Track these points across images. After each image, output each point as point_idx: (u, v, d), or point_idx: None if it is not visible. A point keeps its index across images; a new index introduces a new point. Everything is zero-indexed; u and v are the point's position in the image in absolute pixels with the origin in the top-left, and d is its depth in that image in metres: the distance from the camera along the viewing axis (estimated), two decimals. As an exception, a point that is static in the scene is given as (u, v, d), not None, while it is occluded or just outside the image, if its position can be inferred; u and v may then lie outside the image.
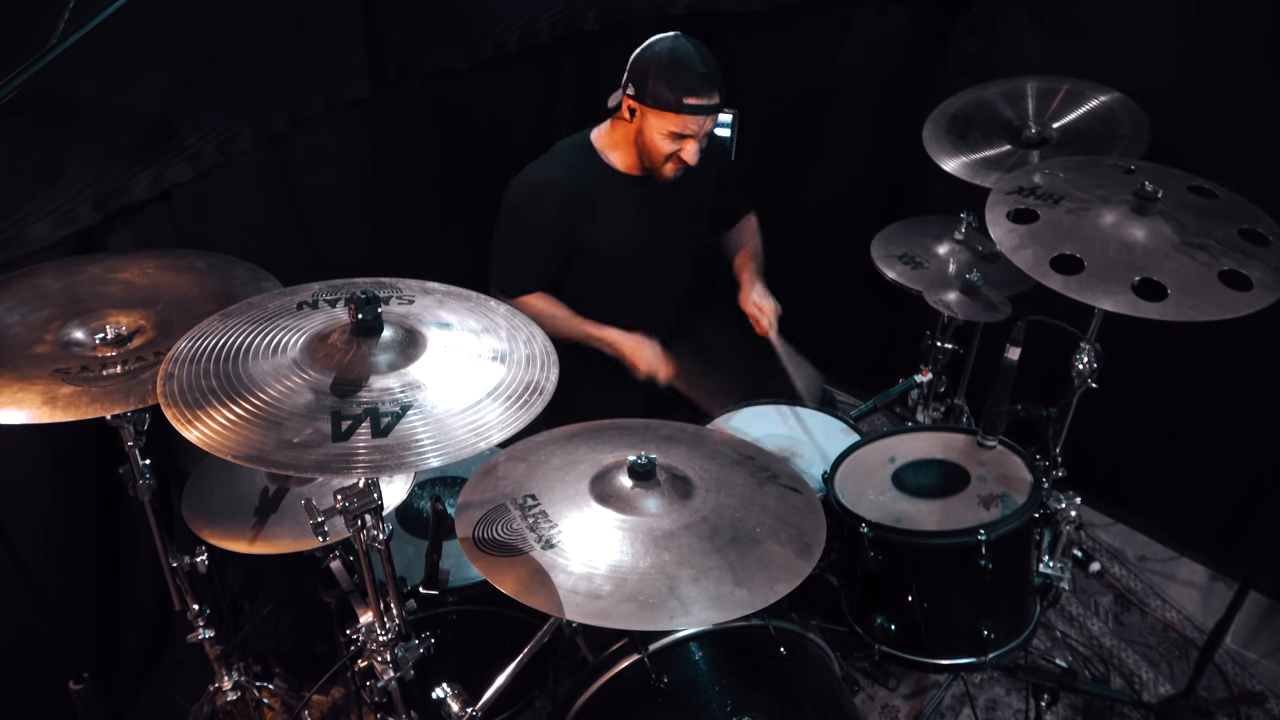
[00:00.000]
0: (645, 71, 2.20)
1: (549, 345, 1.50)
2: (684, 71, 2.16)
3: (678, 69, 2.16)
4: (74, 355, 1.57)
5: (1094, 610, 2.64)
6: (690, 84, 2.16)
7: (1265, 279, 1.77)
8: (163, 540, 1.82)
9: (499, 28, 2.74)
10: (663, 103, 2.18)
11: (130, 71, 1.95)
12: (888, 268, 2.48)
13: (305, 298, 1.55)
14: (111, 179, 1.98)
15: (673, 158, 2.27)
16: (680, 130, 2.21)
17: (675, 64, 2.17)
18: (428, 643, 1.64)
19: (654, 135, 2.24)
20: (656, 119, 2.22)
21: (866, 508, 2.02)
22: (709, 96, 2.18)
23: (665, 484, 1.60)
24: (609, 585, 1.43)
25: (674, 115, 2.18)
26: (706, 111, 2.19)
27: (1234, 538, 2.65)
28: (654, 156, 2.29)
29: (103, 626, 2.25)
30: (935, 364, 2.63)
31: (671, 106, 2.17)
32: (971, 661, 1.96)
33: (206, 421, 1.25)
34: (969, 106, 2.50)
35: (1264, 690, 2.41)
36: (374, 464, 1.23)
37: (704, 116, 2.20)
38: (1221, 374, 2.52)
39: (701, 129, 2.22)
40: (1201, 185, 2.00)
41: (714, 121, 2.25)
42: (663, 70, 2.17)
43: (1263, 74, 2.29)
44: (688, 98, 2.16)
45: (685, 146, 2.24)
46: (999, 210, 1.98)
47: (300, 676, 2.26)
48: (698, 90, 2.16)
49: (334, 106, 2.45)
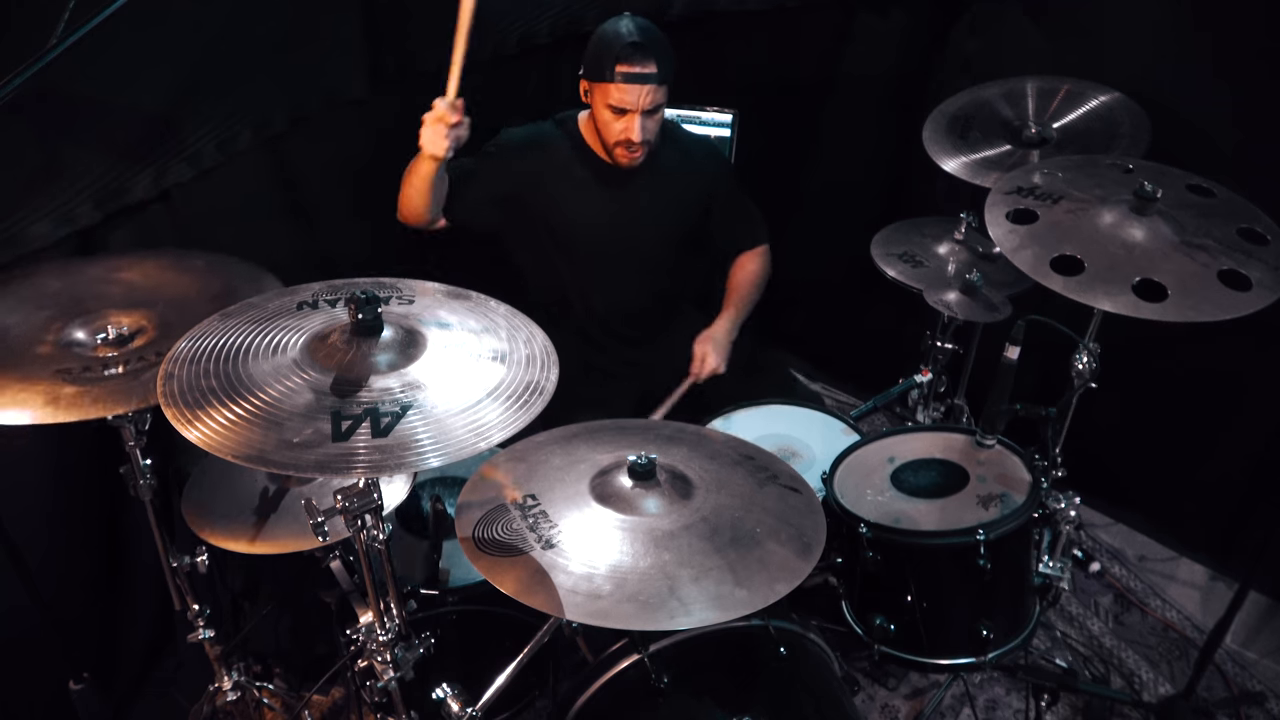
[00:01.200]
0: (589, 48, 2.23)
1: (549, 345, 1.50)
2: (615, 40, 2.17)
3: (611, 39, 2.18)
4: (75, 355, 1.57)
5: (1094, 610, 2.64)
6: (621, 52, 2.16)
7: (1264, 278, 1.77)
8: (163, 540, 1.82)
9: (498, 28, 2.74)
10: (597, 73, 2.20)
11: (130, 71, 1.95)
12: (888, 266, 2.48)
13: (305, 298, 1.55)
14: (111, 179, 1.99)
15: (622, 143, 2.27)
16: (618, 103, 2.21)
17: (609, 34, 2.19)
18: (428, 643, 1.64)
19: (600, 112, 2.26)
20: (599, 92, 2.23)
21: (866, 508, 2.02)
22: (642, 65, 2.16)
23: (665, 484, 1.60)
24: (609, 585, 1.43)
25: (610, 86, 2.19)
26: (640, 80, 2.17)
27: (1234, 538, 2.65)
28: (606, 139, 2.30)
29: (103, 626, 2.25)
30: (935, 364, 2.63)
31: (605, 76, 2.18)
32: (971, 661, 1.96)
33: (206, 421, 1.25)
34: (969, 106, 2.50)
35: (1264, 690, 2.41)
36: (374, 464, 1.23)
37: (639, 86, 2.18)
38: (1221, 374, 2.52)
39: (640, 102, 2.20)
40: (1200, 184, 2.00)
41: (655, 97, 2.22)
42: (598, 42, 2.21)
43: (1262, 74, 2.29)
44: (619, 65, 2.16)
45: (629, 124, 2.23)
46: (998, 210, 1.98)
47: (300, 676, 2.26)
48: (630, 58, 2.16)
49: (334, 106, 2.45)
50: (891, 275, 2.46)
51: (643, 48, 2.16)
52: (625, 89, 2.19)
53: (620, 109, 2.22)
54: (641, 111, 2.22)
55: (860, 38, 2.97)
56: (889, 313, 2.93)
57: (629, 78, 2.17)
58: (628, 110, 2.22)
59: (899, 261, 2.49)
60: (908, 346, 2.73)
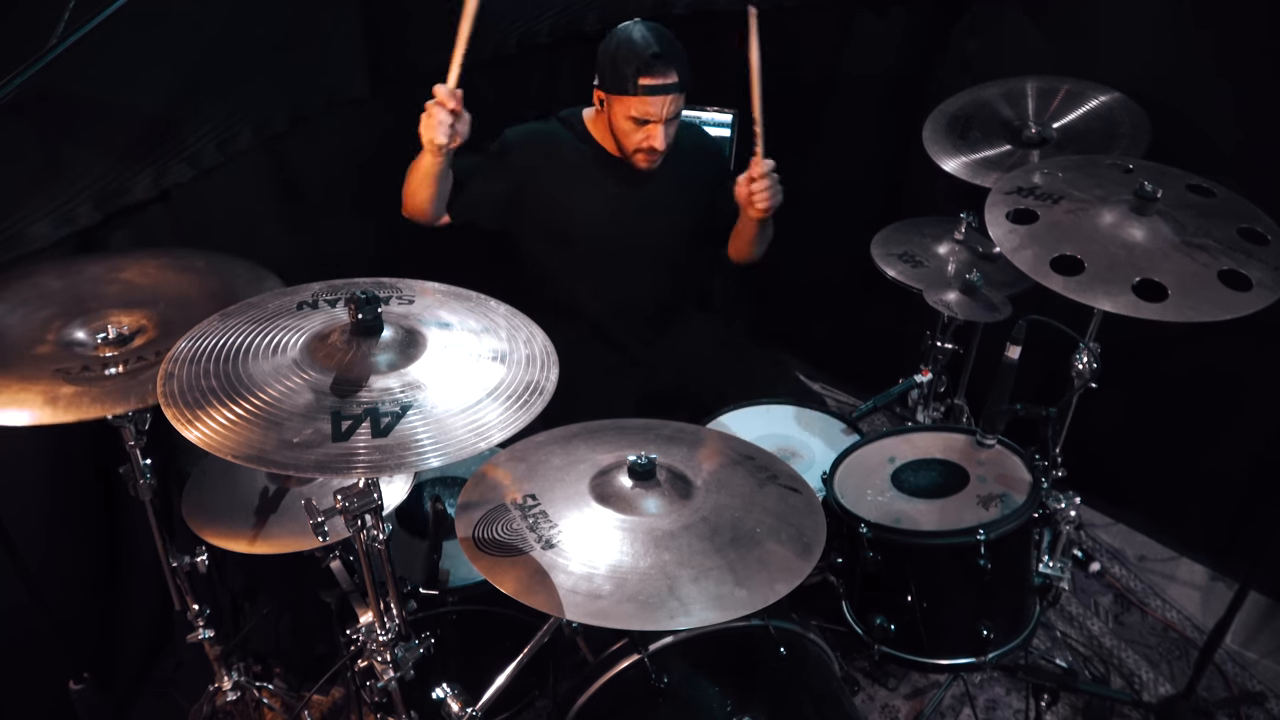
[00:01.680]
0: (604, 58, 2.22)
1: (549, 345, 1.50)
2: (637, 53, 2.16)
3: (631, 50, 2.17)
4: (76, 355, 1.57)
5: (1094, 610, 2.64)
6: (643, 64, 2.16)
7: (1264, 279, 1.77)
8: (163, 540, 1.82)
9: (499, 28, 2.74)
10: (619, 86, 2.19)
11: (130, 71, 1.95)
12: (888, 266, 2.48)
13: (305, 298, 1.55)
14: (111, 179, 1.98)
15: (644, 150, 2.27)
16: (640, 115, 2.21)
17: (629, 46, 2.18)
18: (428, 643, 1.64)
19: (620, 122, 2.25)
20: (619, 104, 2.22)
21: (866, 508, 2.02)
22: (664, 76, 2.17)
23: (665, 484, 1.60)
24: (609, 585, 1.43)
25: (631, 99, 2.19)
26: (663, 92, 2.18)
27: (1234, 538, 2.65)
28: (626, 146, 2.30)
29: (103, 626, 2.25)
30: (935, 364, 2.63)
31: (628, 89, 2.18)
32: (971, 661, 1.96)
33: (206, 421, 1.25)
34: (969, 106, 2.50)
35: (1264, 690, 2.41)
36: (374, 464, 1.23)
37: (662, 97, 2.18)
38: (1221, 374, 2.52)
39: (663, 112, 2.21)
40: (1200, 184, 2.00)
41: (677, 105, 2.22)
42: (618, 54, 2.19)
43: (1263, 74, 2.29)
44: (642, 78, 2.16)
45: (651, 133, 2.24)
46: (998, 210, 1.98)
47: (300, 676, 2.26)
48: (652, 70, 2.16)
49: (334, 106, 2.45)
50: (891, 275, 2.46)
51: (663, 58, 2.16)
52: (649, 101, 2.19)
53: (644, 120, 2.22)
54: (665, 120, 2.22)
55: (860, 38, 2.96)
56: (889, 313, 2.93)
57: (652, 90, 2.17)
58: (651, 120, 2.22)
59: (899, 261, 2.49)
60: (908, 346, 2.73)
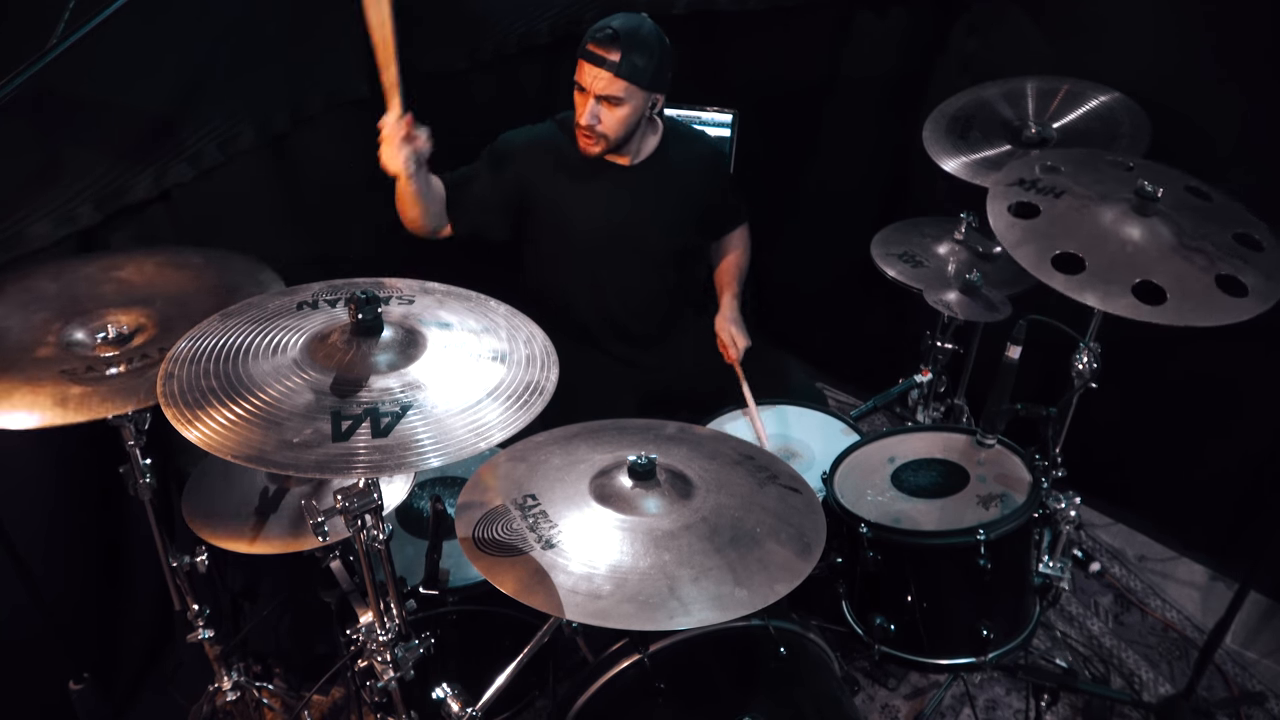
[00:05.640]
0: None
1: (549, 345, 1.50)
2: (599, 25, 2.22)
3: (601, 23, 2.22)
4: (78, 356, 1.57)
5: (1094, 610, 2.64)
6: (595, 33, 2.21)
7: (1259, 285, 1.77)
8: (163, 540, 1.82)
9: (499, 28, 2.74)
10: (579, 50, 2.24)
11: (130, 71, 1.95)
12: (888, 267, 2.48)
13: (305, 298, 1.55)
14: (112, 179, 1.98)
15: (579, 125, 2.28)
16: (578, 79, 2.25)
17: (603, 20, 2.23)
18: (428, 643, 1.64)
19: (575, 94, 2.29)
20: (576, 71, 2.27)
21: (866, 508, 2.02)
22: (606, 51, 2.19)
23: (665, 484, 1.60)
24: (609, 585, 1.43)
25: (580, 62, 2.23)
26: (596, 62, 2.20)
27: (1234, 538, 2.65)
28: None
29: (103, 626, 2.25)
30: (935, 364, 2.63)
31: (578, 53, 2.23)
32: (971, 661, 1.96)
33: (206, 421, 1.25)
34: (969, 106, 2.50)
35: (1264, 690, 2.42)
36: (374, 464, 1.23)
37: (595, 68, 2.20)
38: (1221, 374, 2.52)
39: (593, 84, 2.22)
40: (1198, 187, 2.00)
41: (612, 87, 2.21)
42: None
43: (1263, 74, 2.29)
44: (589, 44, 2.21)
45: (579, 102, 2.27)
46: (1000, 203, 1.97)
47: (300, 676, 2.26)
48: (597, 40, 2.20)
49: (335, 106, 2.44)
50: (891, 275, 2.46)
51: (614, 37, 2.19)
52: (584, 67, 2.23)
53: (580, 87, 2.25)
54: (594, 95, 2.23)
55: (860, 38, 2.96)
56: (889, 313, 2.93)
57: (589, 56, 2.21)
58: (584, 89, 2.24)
59: (899, 262, 2.49)
60: (908, 347, 2.73)
